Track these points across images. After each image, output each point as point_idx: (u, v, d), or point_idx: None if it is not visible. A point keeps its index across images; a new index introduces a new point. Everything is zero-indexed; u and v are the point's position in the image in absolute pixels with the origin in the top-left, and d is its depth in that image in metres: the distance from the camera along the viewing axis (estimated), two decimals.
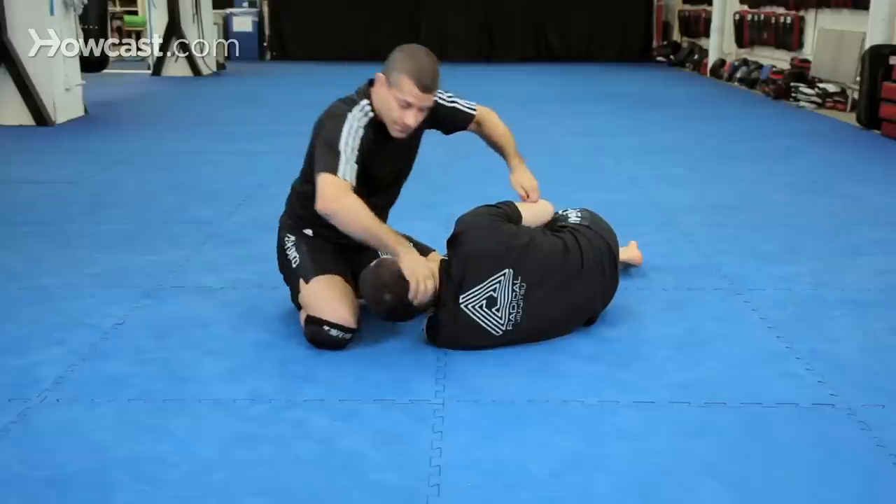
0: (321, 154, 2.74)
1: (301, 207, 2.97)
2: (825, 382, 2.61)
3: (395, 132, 2.82)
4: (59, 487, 2.02)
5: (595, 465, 2.15)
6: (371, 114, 2.82)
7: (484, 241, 2.78)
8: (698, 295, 3.39)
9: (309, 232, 2.97)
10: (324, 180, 2.68)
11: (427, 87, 2.77)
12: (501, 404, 2.47)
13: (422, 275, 2.67)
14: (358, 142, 2.74)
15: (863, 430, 2.33)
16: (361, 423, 2.35)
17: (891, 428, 2.34)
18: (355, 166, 2.71)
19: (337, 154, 2.70)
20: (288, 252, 3.00)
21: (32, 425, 2.33)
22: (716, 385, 2.59)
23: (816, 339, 2.95)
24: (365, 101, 2.83)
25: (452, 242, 2.83)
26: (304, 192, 2.93)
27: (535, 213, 3.07)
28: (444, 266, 2.78)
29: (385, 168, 2.94)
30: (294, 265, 2.96)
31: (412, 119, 2.79)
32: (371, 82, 2.87)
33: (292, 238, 3.01)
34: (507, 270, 2.76)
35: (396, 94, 2.75)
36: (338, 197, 2.66)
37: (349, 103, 2.83)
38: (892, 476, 2.12)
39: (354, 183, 2.70)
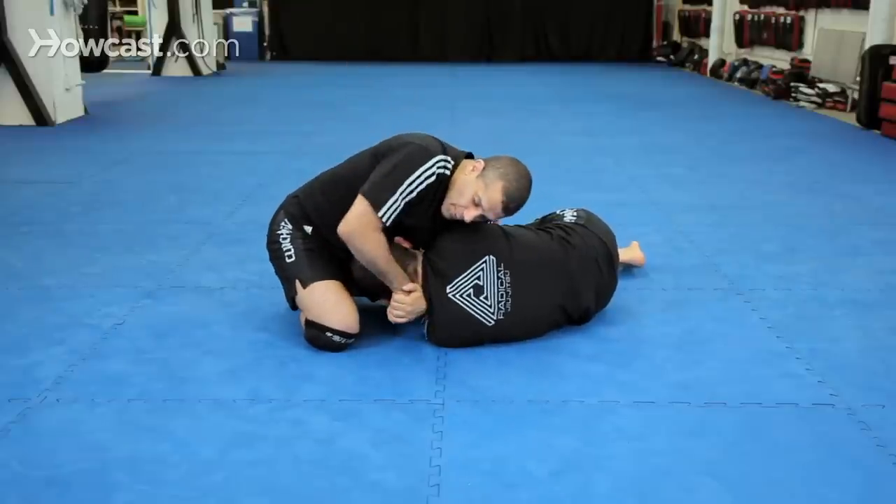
0: (379, 178, 2.66)
1: (315, 206, 2.88)
2: (825, 382, 2.61)
3: (445, 211, 2.77)
4: (59, 487, 2.02)
5: (595, 464, 2.15)
6: (447, 173, 2.73)
7: (460, 231, 2.81)
8: (698, 295, 3.39)
9: (308, 229, 2.89)
10: (361, 209, 2.64)
11: (508, 211, 2.76)
12: (501, 404, 2.47)
13: (406, 310, 2.76)
14: (415, 194, 2.66)
15: (863, 430, 2.33)
16: (361, 423, 2.35)
17: (891, 428, 2.34)
18: (396, 215, 2.65)
19: (392, 194, 2.63)
20: (282, 242, 2.89)
21: (32, 425, 2.32)
22: (716, 385, 2.59)
23: (816, 339, 2.95)
24: (452, 161, 2.74)
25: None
26: (334, 195, 2.83)
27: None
28: (426, 261, 2.79)
29: (417, 222, 2.82)
30: (288, 261, 2.87)
31: (470, 217, 2.74)
32: (467, 155, 2.84)
33: (289, 226, 2.90)
34: (487, 257, 2.78)
35: (479, 190, 2.70)
36: (363, 233, 2.64)
37: (439, 148, 2.74)
38: (892, 476, 2.12)
39: (387, 225, 2.66)
